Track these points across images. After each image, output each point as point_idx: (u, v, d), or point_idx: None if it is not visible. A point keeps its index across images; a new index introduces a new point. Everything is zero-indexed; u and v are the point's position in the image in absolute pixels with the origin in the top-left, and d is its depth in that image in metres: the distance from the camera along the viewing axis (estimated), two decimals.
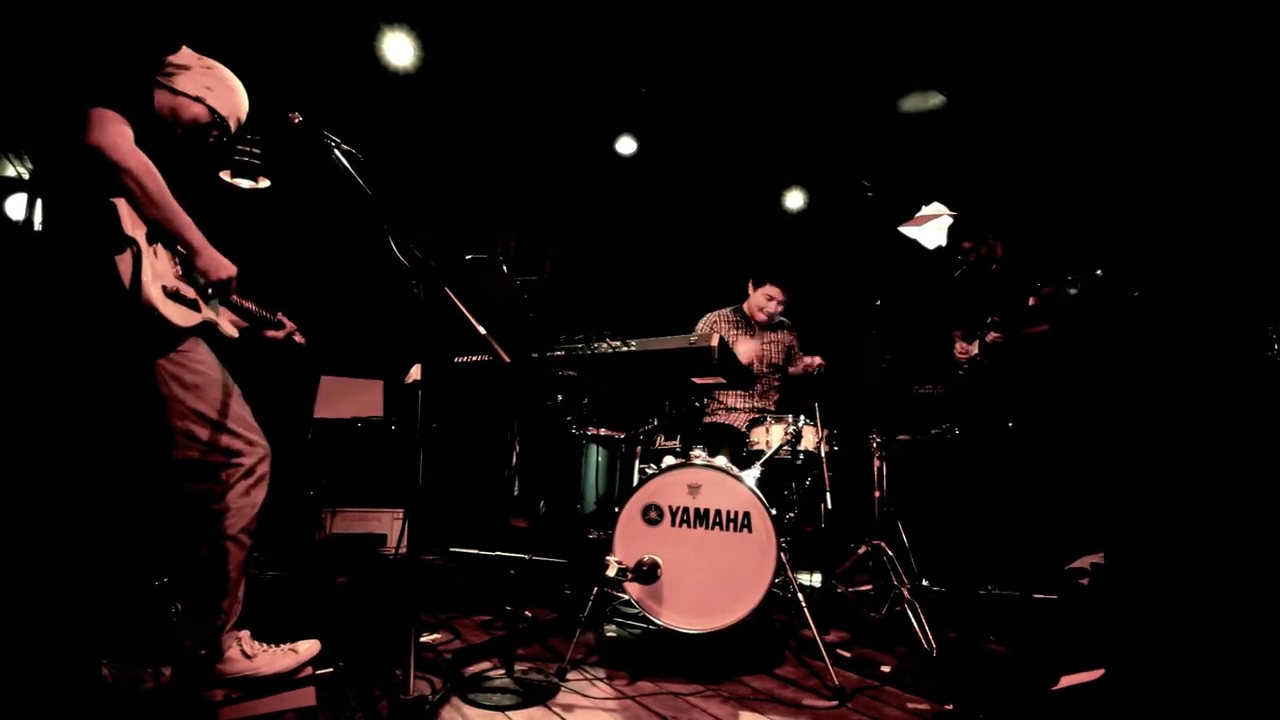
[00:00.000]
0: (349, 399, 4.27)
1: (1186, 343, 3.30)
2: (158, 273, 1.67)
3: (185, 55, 1.84)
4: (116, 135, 1.57)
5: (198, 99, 1.83)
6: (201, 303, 1.82)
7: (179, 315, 1.71)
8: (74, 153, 1.58)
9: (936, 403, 3.82)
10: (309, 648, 1.93)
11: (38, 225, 2.86)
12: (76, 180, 1.62)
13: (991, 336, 3.41)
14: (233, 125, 1.93)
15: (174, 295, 1.71)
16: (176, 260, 1.77)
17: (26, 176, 3.42)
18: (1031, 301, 3.21)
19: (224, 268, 1.77)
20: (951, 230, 4.11)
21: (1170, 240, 3.55)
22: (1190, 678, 1.46)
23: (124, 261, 1.59)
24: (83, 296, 1.60)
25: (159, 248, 1.71)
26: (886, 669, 2.38)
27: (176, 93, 1.80)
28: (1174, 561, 2.24)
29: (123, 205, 1.61)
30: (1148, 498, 2.93)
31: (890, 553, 2.91)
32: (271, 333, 2.23)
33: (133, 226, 1.62)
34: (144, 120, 1.66)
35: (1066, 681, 1.54)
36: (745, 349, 3.45)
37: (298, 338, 2.34)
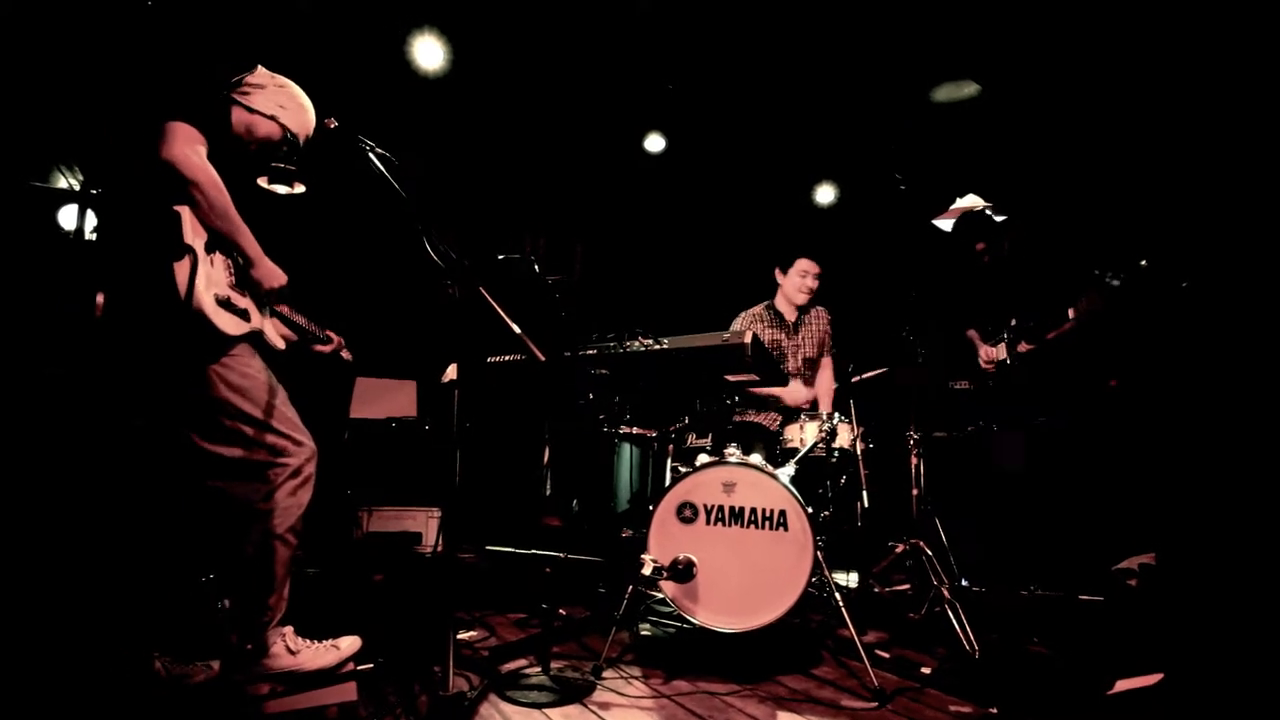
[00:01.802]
0: (384, 399, 4.33)
1: (1241, 334, 3.17)
2: (212, 281, 1.73)
3: (260, 75, 1.93)
4: (190, 151, 1.64)
5: (272, 117, 1.91)
6: (253, 312, 1.87)
7: (229, 324, 1.75)
8: (145, 162, 1.65)
9: (971, 399, 3.75)
10: (350, 644, 1.96)
11: (88, 234, 2.97)
12: (143, 187, 1.69)
13: (1023, 347, 3.34)
14: (301, 141, 2.01)
15: (225, 303, 1.76)
16: (232, 270, 1.83)
17: (77, 188, 3.55)
18: (1071, 314, 3.13)
19: (276, 278, 1.85)
20: (967, 228, 4.02)
21: (1215, 230, 3.42)
22: (1254, 685, 1.40)
23: (181, 268, 1.65)
24: (138, 300, 1.66)
25: (216, 256, 1.77)
26: (927, 670, 2.33)
27: (253, 111, 1.89)
28: (1234, 563, 2.15)
29: (186, 213, 1.67)
30: (1203, 497, 2.82)
31: (929, 552, 2.85)
32: (319, 348, 2.29)
33: (193, 235, 1.68)
34: (218, 136, 1.73)
35: (1122, 686, 1.49)
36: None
37: (345, 354, 2.40)
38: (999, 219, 3.95)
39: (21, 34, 3.02)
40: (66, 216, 3.50)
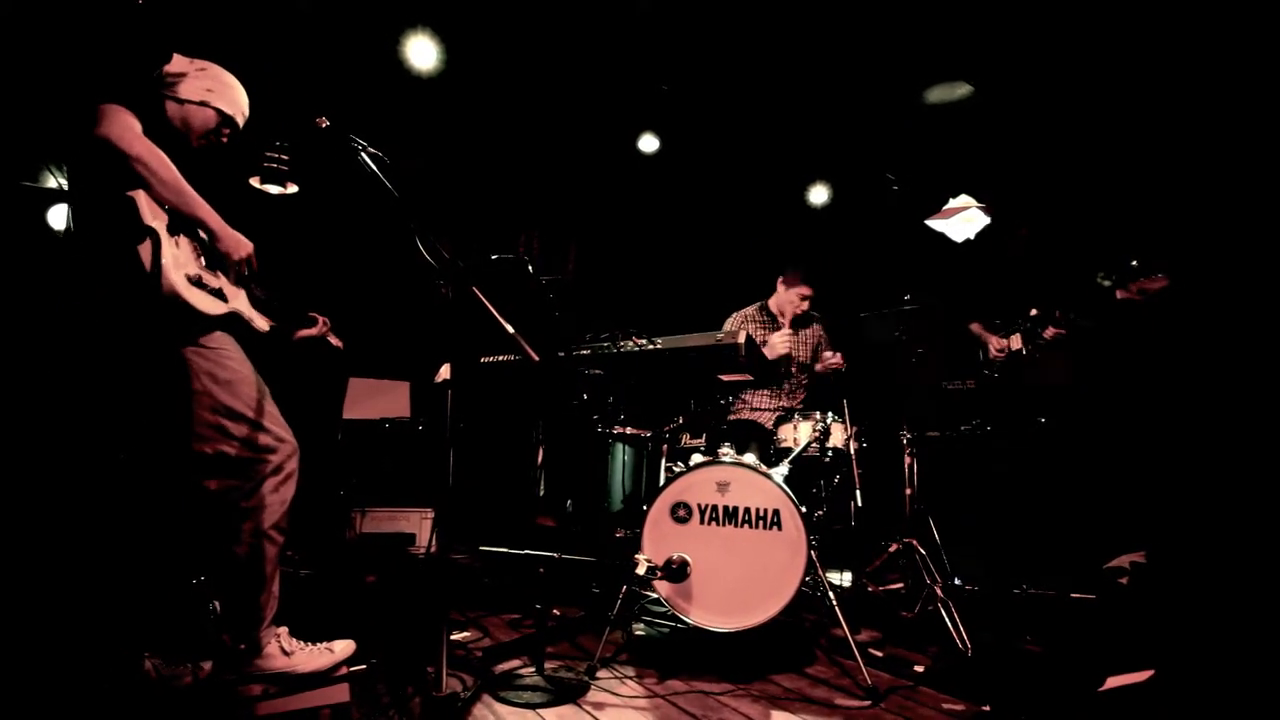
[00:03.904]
0: (377, 400, 4.32)
1: (1232, 333, 3.19)
2: (179, 261, 1.69)
3: (178, 63, 1.87)
4: (122, 127, 1.61)
5: (203, 103, 1.86)
6: (229, 291, 1.83)
7: (204, 303, 1.73)
8: (90, 151, 1.62)
9: (966, 399, 3.75)
10: (344, 647, 1.95)
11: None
12: (99, 179, 1.66)
13: (1050, 332, 3.29)
14: (240, 121, 1.97)
15: (197, 282, 1.72)
16: (200, 251, 1.79)
17: (67, 187, 3.52)
18: (1120, 295, 3.09)
19: (243, 245, 1.81)
20: (1005, 215, 4.01)
21: (1206, 230, 3.44)
22: (1244, 682, 1.41)
23: (145, 250, 1.62)
24: (109, 287, 1.64)
25: (181, 238, 1.73)
26: (920, 669, 2.34)
27: (183, 101, 1.84)
28: (1224, 561, 2.17)
29: (141, 197, 1.64)
30: (1194, 495, 2.84)
31: (922, 551, 2.87)
32: (304, 331, 2.24)
33: (152, 217, 1.65)
34: (155, 123, 1.69)
35: (1114, 683, 1.50)
36: (777, 341, 3.38)
37: (333, 339, 2.34)
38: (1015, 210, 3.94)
39: (6, 33, 2.99)
40: (56, 216, 3.48)
